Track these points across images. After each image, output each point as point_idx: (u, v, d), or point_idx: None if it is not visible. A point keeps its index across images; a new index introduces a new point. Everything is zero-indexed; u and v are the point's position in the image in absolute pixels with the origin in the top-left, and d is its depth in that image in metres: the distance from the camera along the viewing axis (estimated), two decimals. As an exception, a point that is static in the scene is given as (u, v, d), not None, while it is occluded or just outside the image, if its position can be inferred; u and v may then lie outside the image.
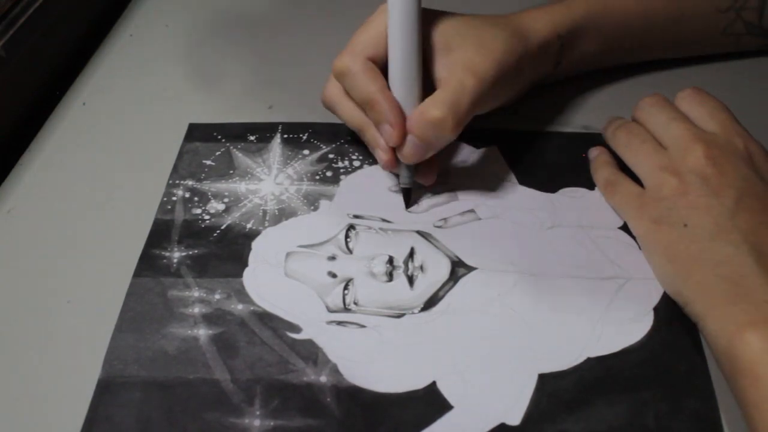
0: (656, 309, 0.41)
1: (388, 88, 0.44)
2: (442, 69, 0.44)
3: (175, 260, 0.44)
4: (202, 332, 0.40)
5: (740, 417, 0.36)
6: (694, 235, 0.40)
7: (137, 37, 0.64)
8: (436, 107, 0.42)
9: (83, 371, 0.39)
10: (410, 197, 0.47)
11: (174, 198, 0.47)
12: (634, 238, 0.44)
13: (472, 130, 0.51)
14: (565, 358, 0.39)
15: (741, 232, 0.39)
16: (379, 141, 0.44)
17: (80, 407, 0.37)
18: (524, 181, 0.48)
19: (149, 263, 0.44)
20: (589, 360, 0.39)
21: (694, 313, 0.39)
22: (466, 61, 0.44)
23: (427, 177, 0.46)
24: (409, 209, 0.46)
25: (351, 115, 0.46)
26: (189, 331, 0.40)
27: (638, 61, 0.56)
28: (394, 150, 0.44)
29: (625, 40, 0.53)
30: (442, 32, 0.45)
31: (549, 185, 0.47)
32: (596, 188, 0.47)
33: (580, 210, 0.46)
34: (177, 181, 0.48)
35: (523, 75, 0.48)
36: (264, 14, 0.66)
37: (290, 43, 0.62)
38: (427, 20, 0.45)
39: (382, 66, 0.44)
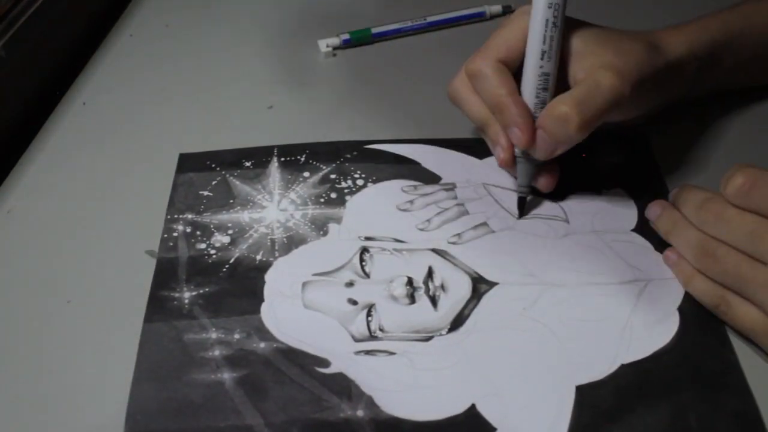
0: (680, 309, 0.41)
1: (519, 90, 0.44)
2: (579, 71, 0.44)
3: (186, 301, 0.42)
4: (227, 376, 0.38)
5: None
6: None
7: (137, 37, 0.64)
8: (563, 102, 0.42)
9: (82, 371, 0.39)
10: (524, 206, 0.46)
11: (175, 234, 0.45)
12: (647, 239, 0.44)
13: (469, 141, 0.51)
14: (599, 367, 0.39)
15: None
16: (500, 139, 0.45)
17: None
18: (531, 190, 0.47)
19: (159, 306, 0.42)
20: (623, 367, 0.39)
21: None
22: (606, 62, 0.43)
23: (546, 183, 0.46)
24: (421, 228, 0.45)
25: (476, 110, 0.46)
26: (212, 376, 0.38)
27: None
28: (512, 150, 0.45)
29: (762, 62, 0.51)
30: (581, 37, 0.44)
31: (556, 191, 0.47)
32: (603, 192, 0.47)
33: (592, 215, 0.46)
34: (175, 216, 0.46)
35: (659, 91, 0.47)
36: (264, 13, 0.66)
37: (289, 41, 0.62)
38: (566, 27, 0.44)
39: (514, 69, 0.45)
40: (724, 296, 0.40)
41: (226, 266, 0.44)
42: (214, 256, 0.44)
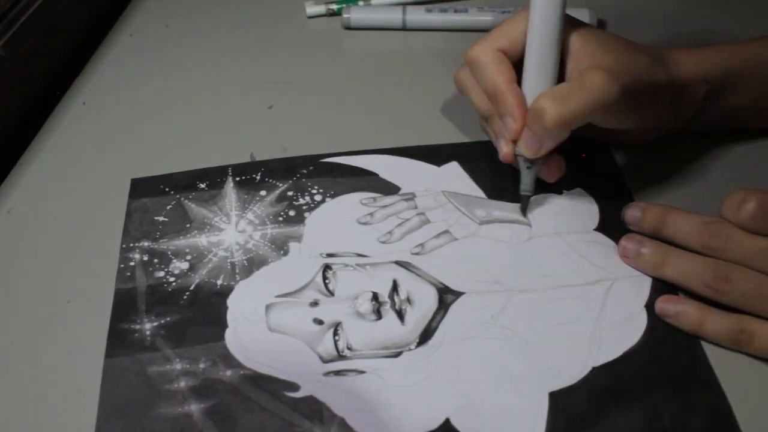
0: (647, 306, 0.41)
1: (518, 82, 0.43)
2: (574, 70, 0.43)
3: (148, 332, 0.41)
4: (194, 407, 0.37)
5: (747, 403, 0.37)
6: None
7: (137, 37, 0.64)
8: (544, 97, 0.41)
9: (80, 371, 0.40)
10: (527, 205, 0.46)
11: (131, 263, 0.44)
12: (610, 237, 0.44)
13: (426, 148, 0.50)
14: (571, 371, 0.38)
15: None
16: (503, 132, 0.44)
17: None
18: (491, 194, 0.47)
19: (120, 340, 0.40)
20: (594, 369, 0.38)
21: None
22: (600, 63, 0.41)
23: (550, 173, 0.45)
24: (383, 241, 0.45)
25: (480, 101, 0.46)
26: (180, 409, 0.37)
27: None
28: (514, 144, 0.44)
29: None
30: (583, 38, 0.43)
31: (516, 194, 0.47)
32: (564, 192, 0.47)
33: (554, 216, 0.46)
34: (131, 244, 0.45)
35: (660, 107, 0.45)
36: (264, 13, 0.66)
37: (289, 41, 0.62)
38: (570, 26, 0.43)
39: (514, 60, 0.44)
40: (744, 327, 0.39)
41: (187, 293, 0.42)
42: (173, 284, 0.43)
